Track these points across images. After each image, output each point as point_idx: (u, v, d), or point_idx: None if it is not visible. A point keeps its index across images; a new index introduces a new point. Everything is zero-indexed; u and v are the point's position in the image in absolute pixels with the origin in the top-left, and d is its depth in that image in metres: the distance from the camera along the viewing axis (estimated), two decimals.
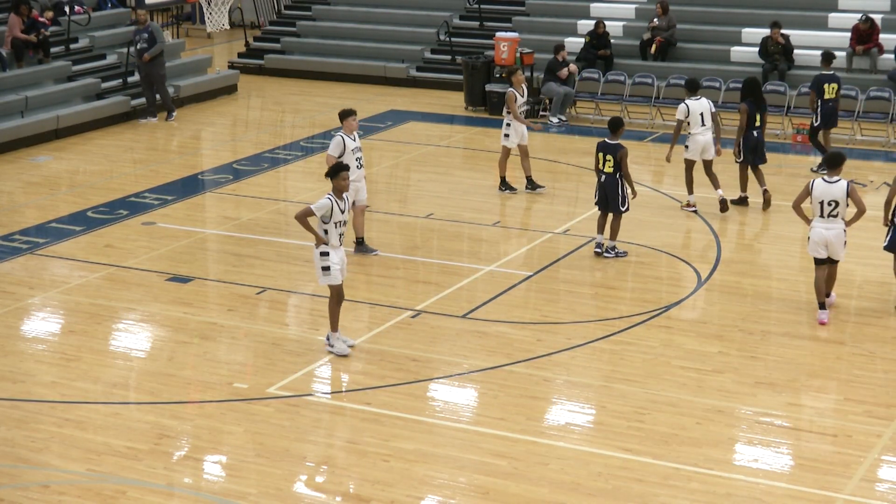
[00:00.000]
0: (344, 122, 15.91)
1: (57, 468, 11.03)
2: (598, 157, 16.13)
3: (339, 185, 12.96)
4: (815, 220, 14.01)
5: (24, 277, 15.93)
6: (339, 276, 13.10)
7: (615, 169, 15.96)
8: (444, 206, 18.64)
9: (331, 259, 13.01)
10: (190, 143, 23.52)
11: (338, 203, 12.92)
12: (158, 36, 24.23)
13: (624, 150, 16.00)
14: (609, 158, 15.98)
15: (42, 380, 12.88)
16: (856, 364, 13.21)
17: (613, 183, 16.01)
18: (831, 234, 13.95)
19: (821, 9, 25.86)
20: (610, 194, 16.06)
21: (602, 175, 16.10)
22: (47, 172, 20.98)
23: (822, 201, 13.89)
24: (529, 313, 14.55)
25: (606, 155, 16.03)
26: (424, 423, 11.89)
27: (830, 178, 13.91)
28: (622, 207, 16.12)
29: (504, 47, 24.99)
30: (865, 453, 11.18)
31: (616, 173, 15.98)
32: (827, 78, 20.22)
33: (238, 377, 12.89)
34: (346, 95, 26.58)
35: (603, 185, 16.10)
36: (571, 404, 12.35)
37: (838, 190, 13.83)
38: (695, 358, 13.24)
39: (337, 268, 13.05)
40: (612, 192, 16.03)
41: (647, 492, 10.55)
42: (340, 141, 15.79)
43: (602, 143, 16.15)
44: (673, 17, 25.79)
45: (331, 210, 12.86)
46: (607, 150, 16.04)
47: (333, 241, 13.00)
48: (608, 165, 16.00)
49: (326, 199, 12.89)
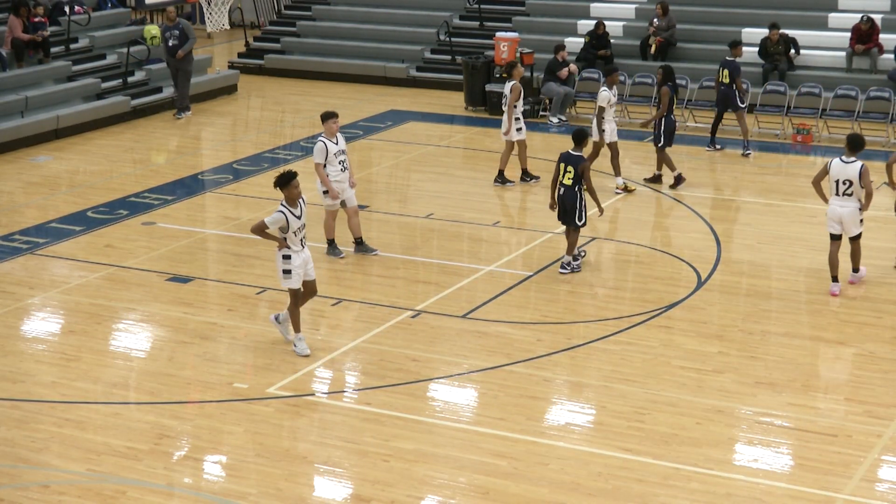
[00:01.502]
0: (325, 125, 15.91)
1: (57, 468, 11.04)
2: (560, 168, 15.58)
3: (291, 195, 12.95)
4: (832, 198, 14.81)
5: (24, 277, 15.93)
6: (298, 280, 13.18)
7: (574, 182, 15.43)
8: (444, 206, 18.64)
9: (293, 262, 13.10)
10: (190, 143, 23.52)
11: (292, 212, 12.95)
12: (189, 32, 24.66)
13: (586, 162, 15.53)
14: (570, 170, 15.45)
15: (42, 380, 12.88)
16: (856, 364, 13.21)
17: (573, 196, 15.48)
18: (845, 212, 14.74)
19: (821, 9, 25.85)
20: (569, 208, 15.52)
21: (561, 188, 15.57)
22: (47, 172, 20.98)
23: (837, 180, 14.67)
24: (529, 313, 14.55)
25: (568, 166, 15.49)
26: (424, 423, 11.89)
27: (847, 158, 14.65)
28: (580, 222, 15.53)
29: (504, 47, 24.99)
30: (865, 453, 11.18)
31: (575, 186, 15.44)
32: (725, 63, 21.22)
33: (238, 377, 12.89)
34: (346, 95, 26.59)
35: (562, 198, 15.57)
36: (571, 404, 12.35)
37: (853, 171, 14.56)
38: (695, 358, 13.25)
39: (298, 272, 13.15)
40: (570, 205, 15.50)
41: (647, 492, 10.56)
42: (323, 147, 15.84)
43: (565, 154, 15.62)
44: (673, 17, 25.78)
45: (286, 222, 12.90)
46: (569, 162, 15.51)
47: (295, 245, 13.10)
48: (567, 178, 15.49)
49: (279, 213, 12.90)
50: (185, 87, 24.76)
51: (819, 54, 24.96)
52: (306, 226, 13.26)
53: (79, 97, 24.27)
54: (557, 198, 15.68)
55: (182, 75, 24.62)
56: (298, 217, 12.99)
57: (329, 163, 15.84)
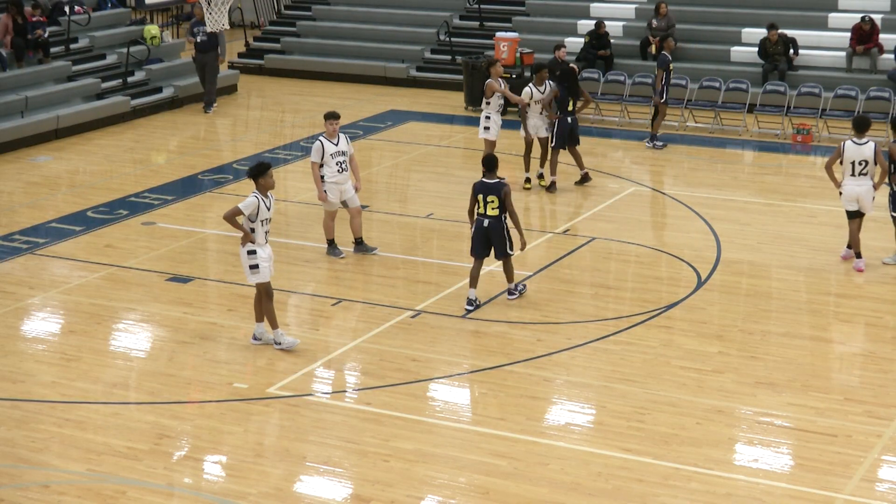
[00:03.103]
0: (325, 125, 15.97)
1: (57, 468, 11.03)
2: (478, 201, 14.26)
3: (267, 184, 13.16)
4: (847, 179, 15.54)
5: (24, 277, 15.93)
6: (267, 274, 13.27)
7: (501, 210, 14.21)
8: (444, 206, 18.64)
9: (259, 256, 13.19)
10: (190, 143, 23.52)
11: (264, 201, 13.11)
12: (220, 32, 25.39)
13: (507, 186, 14.25)
14: (492, 199, 14.15)
15: (42, 380, 12.88)
16: (856, 364, 13.21)
17: (499, 226, 14.25)
18: (862, 190, 15.50)
19: (821, 9, 25.84)
20: (496, 238, 14.30)
21: (485, 220, 14.24)
22: (47, 172, 20.98)
23: (853, 161, 15.46)
24: (529, 313, 14.55)
25: (488, 196, 14.17)
26: (424, 423, 11.89)
27: (860, 140, 15.45)
28: (511, 251, 14.44)
29: (504, 47, 24.99)
30: (865, 453, 11.18)
31: (502, 215, 14.24)
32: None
33: (238, 377, 12.89)
34: (346, 95, 26.59)
35: (487, 231, 14.28)
36: (571, 404, 12.35)
37: (868, 150, 15.43)
38: (695, 358, 13.24)
39: (265, 265, 13.25)
40: (497, 235, 14.28)
41: (647, 492, 10.56)
42: (319, 146, 15.92)
43: (480, 184, 14.27)
44: (672, 17, 25.77)
45: (257, 208, 13.04)
46: (489, 191, 14.19)
47: (259, 238, 13.18)
48: (491, 208, 14.18)
49: (253, 196, 13.09)
50: (213, 82, 25.43)
51: (819, 54, 24.95)
52: (271, 220, 13.35)
53: (79, 97, 24.27)
54: (481, 230, 14.35)
55: (210, 70, 25.30)
56: (269, 208, 13.18)
57: (325, 163, 15.89)
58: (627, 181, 19.79)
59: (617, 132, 23.40)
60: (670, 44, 22.01)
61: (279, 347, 13.41)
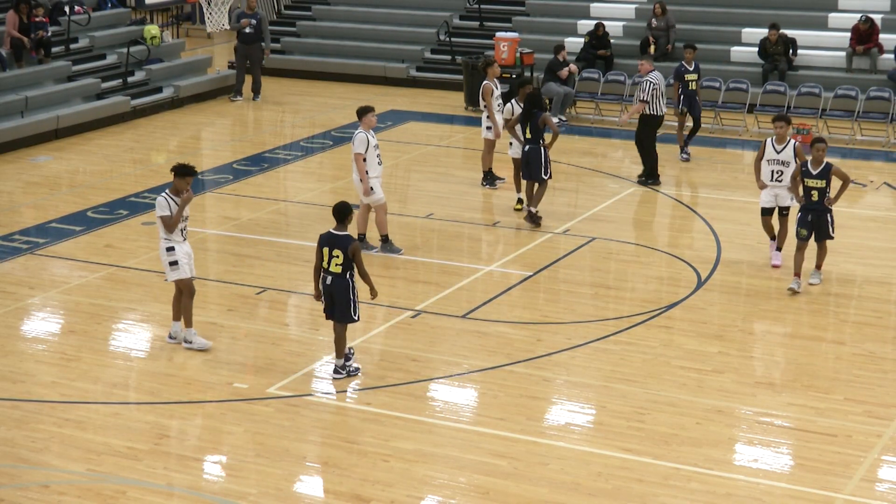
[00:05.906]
0: (363, 119, 15.97)
1: (57, 468, 11.03)
2: (323, 254, 12.50)
3: (179, 186, 13.21)
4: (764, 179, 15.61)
5: (24, 277, 15.93)
6: (187, 271, 13.31)
7: (345, 267, 12.42)
8: (444, 206, 18.64)
9: (177, 254, 13.22)
10: (190, 143, 23.52)
11: (175, 201, 13.17)
12: (265, 23, 26.42)
13: (356, 242, 12.49)
14: (337, 255, 12.39)
15: (42, 380, 12.88)
16: (856, 364, 13.21)
17: (343, 285, 12.46)
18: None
19: (821, 9, 25.86)
20: (339, 298, 12.53)
21: (329, 276, 12.50)
22: (47, 172, 20.98)
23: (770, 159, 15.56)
24: (529, 313, 14.55)
25: (333, 250, 12.40)
26: (424, 423, 11.89)
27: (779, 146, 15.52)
28: (354, 316, 12.66)
29: (504, 47, 24.99)
30: (865, 453, 11.18)
31: (346, 273, 12.45)
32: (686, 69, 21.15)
33: (238, 377, 12.89)
34: (346, 95, 26.59)
35: (330, 289, 12.52)
36: (571, 404, 12.35)
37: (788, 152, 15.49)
38: (695, 358, 13.25)
39: (185, 262, 13.27)
40: (341, 295, 12.51)
41: (647, 492, 10.56)
42: (364, 138, 15.83)
43: (327, 236, 12.51)
44: (672, 18, 25.78)
45: (170, 211, 13.13)
46: (335, 244, 12.42)
47: (177, 237, 13.23)
48: (335, 264, 12.40)
49: (162, 198, 13.21)
50: (258, 73, 26.31)
51: (819, 54, 24.96)
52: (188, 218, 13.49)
53: (79, 97, 24.26)
54: (324, 288, 12.61)
55: (254, 62, 26.17)
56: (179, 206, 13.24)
57: (368, 156, 15.79)
58: (627, 181, 19.78)
59: (617, 132, 23.40)
60: (688, 54, 21.29)
61: (189, 347, 13.43)
